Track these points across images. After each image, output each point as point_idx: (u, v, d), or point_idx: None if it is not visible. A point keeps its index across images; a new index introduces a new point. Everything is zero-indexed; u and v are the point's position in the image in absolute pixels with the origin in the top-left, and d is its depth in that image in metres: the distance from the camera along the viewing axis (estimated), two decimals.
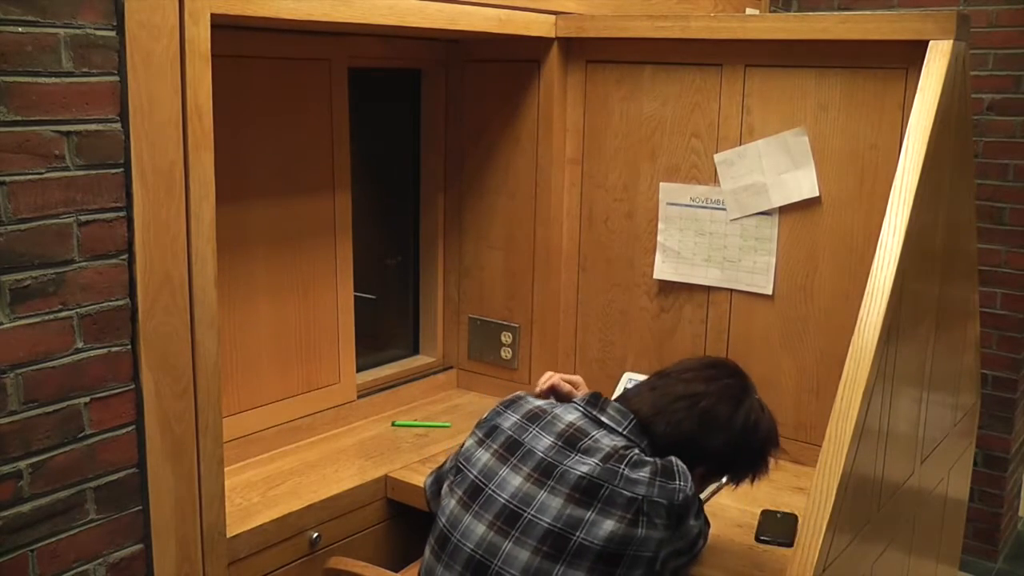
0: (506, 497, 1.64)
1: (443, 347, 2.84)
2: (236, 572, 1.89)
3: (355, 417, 2.53)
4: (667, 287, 2.48)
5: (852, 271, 2.21)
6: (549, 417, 1.73)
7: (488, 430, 1.76)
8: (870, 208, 2.17)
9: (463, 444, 1.80)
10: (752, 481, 1.80)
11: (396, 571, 1.89)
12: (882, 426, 1.89)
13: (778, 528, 1.98)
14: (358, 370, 2.58)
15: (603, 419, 1.72)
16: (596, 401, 1.76)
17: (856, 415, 1.73)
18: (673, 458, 1.66)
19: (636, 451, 1.67)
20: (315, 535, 2.04)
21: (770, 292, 2.33)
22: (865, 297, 1.82)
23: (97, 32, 1.50)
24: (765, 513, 2.04)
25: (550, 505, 1.60)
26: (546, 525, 1.59)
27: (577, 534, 1.57)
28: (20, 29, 1.41)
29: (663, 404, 1.73)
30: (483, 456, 1.72)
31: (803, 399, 2.32)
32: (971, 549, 3.86)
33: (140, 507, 1.68)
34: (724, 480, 1.87)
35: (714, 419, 1.71)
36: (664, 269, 2.47)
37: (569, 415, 1.73)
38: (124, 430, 1.64)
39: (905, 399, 2.03)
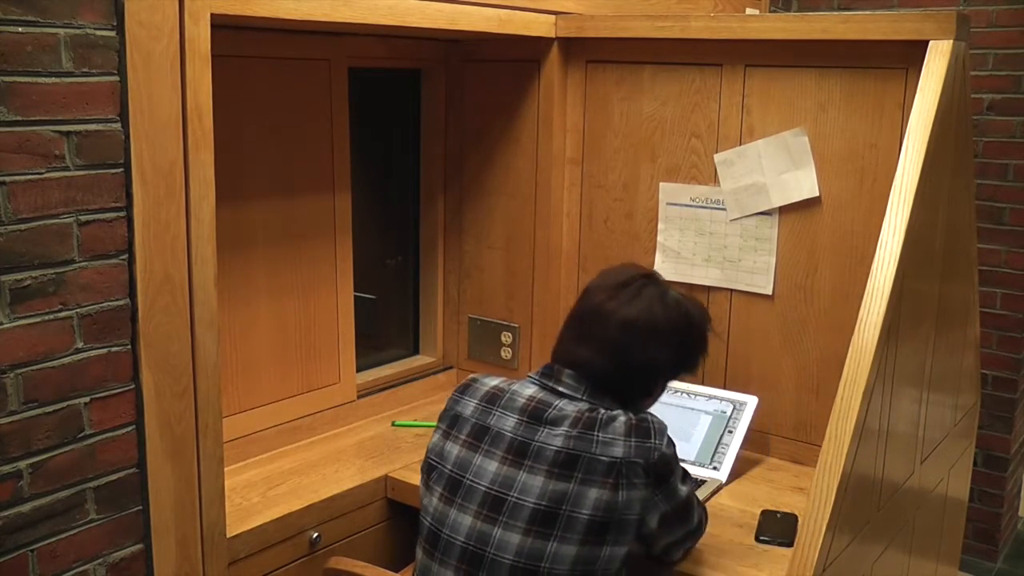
0: (486, 484, 1.64)
1: (443, 347, 2.84)
2: (236, 572, 1.89)
3: (355, 417, 2.53)
4: None
5: (852, 271, 2.21)
6: (508, 395, 1.72)
7: (450, 421, 1.75)
8: (870, 208, 2.17)
9: (431, 440, 1.79)
10: (703, 363, 1.82)
11: (396, 571, 1.89)
12: (882, 426, 1.89)
13: (778, 528, 1.98)
14: (358, 370, 2.58)
15: (560, 389, 1.71)
16: (550, 372, 1.74)
17: (856, 415, 1.73)
18: (648, 415, 1.66)
19: (602, 411, 1.65)
20: (315, 535, 2.04)
21: (770, 292, 2.33)
22: (865, 297, 1.82)
23: (97, 32, 1.50)
24: (765, 513, 2.04)
25: (532, 484, 1.60)
26: (532, 505, 1.59)
27: (564, 508, 1.58)
28: (20, 29, 1.41)
29: (608, 354, 1.69)
30: (453, 448, 1.71)
31: (803, 399, 2.32)
32: (971, 549, 3.86)
33: (140, 507, 1.68)
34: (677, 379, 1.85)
35: (655, 330, 1.70)
36: (664, 269, 2.47)
37: (527, 389, 1.72)
38: (124, 430, 1.64)
39: (905, 399, 2.03)
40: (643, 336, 1.70)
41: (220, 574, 1.83)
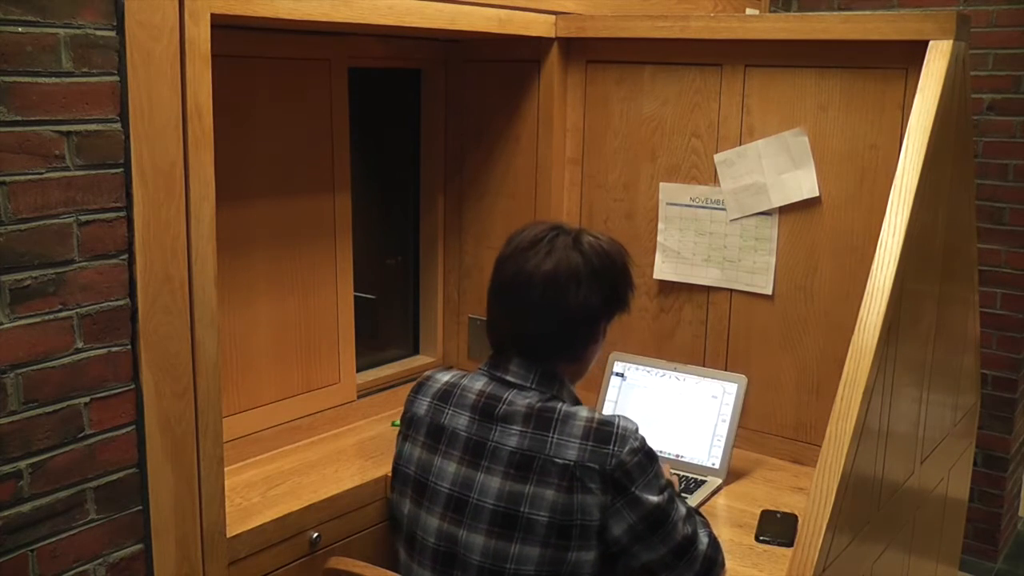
0: (448, 486, 1.64)
1: (443, 347, 2.83)
2: (236, 572, 1.89)
3: (355, 417, 2.53)
4: (667, 287, 2.48)
5: (852, 271, 2.21)
6: (459, 391, 1.70)
7: (408, 422, 1.74)
8: (870, 208, 2.17)
9: (396, 443, 1.78)
10: (633, 297, 1.76)
11: (395, 571, 1.89)
12: (882, 426, 1.89)
13: (778, 528, 1.98)
14: (358, 370, 2.58)
15: (508, 378, 1.67)
16: (498, 362, 1.71)
17: (856, 415, 1.73)
18: (617, 418, 1.60)
19: (557, 404, 1.62)
20: (315, 535, 2.04)
21: (770, 292, 2.33)
22: (865, 297, 1.82)
23: (97, 32, 1.50)
24: (765, 513, 2.04)
25: (490, 486, 1.60)
26: (491, 506, 1.59)
27: (522, 509, 1.57)
28: (20, 29, 1.41)
29: (543, 316, 1.66)
30: (414, 451, 1.70)
31: (803, 399, 2.32)
32: (971, 549, 3.86)
33: (140, 507, 1.68)
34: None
35: (578, 278, 1.64)
36: (664, 269, 2.47)
37: (477, 383, 1.70)
38: (124, 430, 1.64)
39: (905, 399, 2.03)
40: (570, 287, 1.64)
41: (220, 574, 1.83)
